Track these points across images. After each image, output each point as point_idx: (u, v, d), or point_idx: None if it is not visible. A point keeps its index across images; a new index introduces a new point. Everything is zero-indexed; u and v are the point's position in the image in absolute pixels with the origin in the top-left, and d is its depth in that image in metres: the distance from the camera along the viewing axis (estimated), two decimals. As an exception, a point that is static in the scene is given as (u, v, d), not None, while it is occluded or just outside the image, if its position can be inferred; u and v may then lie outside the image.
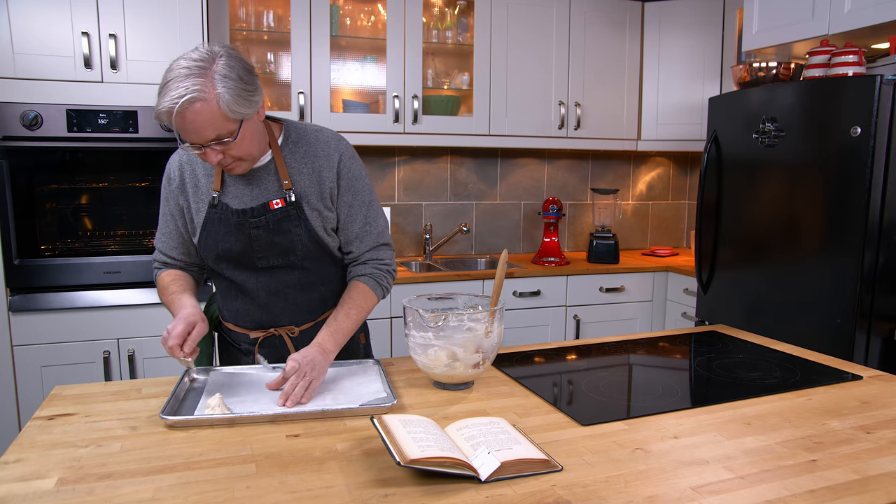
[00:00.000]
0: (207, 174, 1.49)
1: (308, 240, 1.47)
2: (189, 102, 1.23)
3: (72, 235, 2.51)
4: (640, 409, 1.28)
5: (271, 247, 1.46)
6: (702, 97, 3.40)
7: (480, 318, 1.38)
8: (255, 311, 1.53)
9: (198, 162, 1.50)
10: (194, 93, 1.23)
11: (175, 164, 1.52)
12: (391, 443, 0.98)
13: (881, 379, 1.47)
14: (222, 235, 1.46)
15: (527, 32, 3.25)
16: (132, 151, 2.51)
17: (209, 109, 1.25)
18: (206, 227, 1.48)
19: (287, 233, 1.46)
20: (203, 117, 1.25)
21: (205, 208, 1.48)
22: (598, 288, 3.24)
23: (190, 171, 1.50)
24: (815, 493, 0.94)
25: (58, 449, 1.07)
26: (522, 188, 3.72)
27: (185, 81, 1.23)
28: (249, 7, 2.94)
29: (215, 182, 1.47)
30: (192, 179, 1.49)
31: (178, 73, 1.24)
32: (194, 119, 1.25)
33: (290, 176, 1.47)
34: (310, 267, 1.51)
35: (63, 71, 2.39)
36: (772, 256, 2.54)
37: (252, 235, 1.45)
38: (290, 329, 1.54)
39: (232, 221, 1.45)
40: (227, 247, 1.47)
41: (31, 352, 2.45)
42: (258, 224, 1.45)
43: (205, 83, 1.24)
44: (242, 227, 1.45)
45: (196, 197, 1.49)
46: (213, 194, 1.46)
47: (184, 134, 1.28)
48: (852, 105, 2.19)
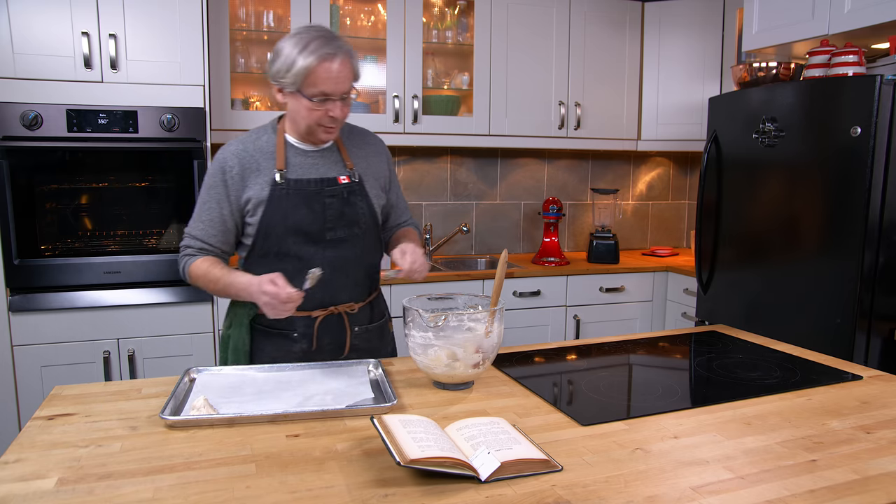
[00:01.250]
0: (268, 158, 1.58)
1: (368, 215, 1.63)
2: (345, 54, 1.47)
3: (72, 235, 2.51)
4: (640, 409, 1.28)
5: (340, 217, 1.58)
6: (702, 97, 3.40)
7: (480, 318, 1.38)
8: (317, 290, 1.52)
9: (255, 148, 1.59)
10: (347, 48, 1.48)
11: (231, 154, 1.58)
12: (391, 443, 0.98)
13: (881, 379, 1.47)
14: (292, 209, 1.55)
15: (527, 32, 3.25)
16: (132, 151, 2.51)
17: (351, 66, 1.49)
18: (272, 202, 1.55)
19: (354, 205, 1.61)
20: (348, 70, 1.48)
21: (268, 188, 1.55)
22: (598, 288, 3.24)
23: (249, 157, 1.58)
24: (815, 493, 0.94)
25: (58, 449, 1.07)
26: (522, 188, 3.72)
27: (335, 40, 1.47)
28: (249, 7, 2.94)
29: (279, 162, 1.57)
30: (252, 165, 1.57)
31: (324, 34, 1.47)
32: (343, 70, 1.46)
33: (351, 159, 1.65)
34: (366, 242, 1.64)
35: (63, 71, 2.39)
36: (772, 256, 2.54)
37: (326, 204, 1.57)
38: (350, 306, 1.63)
39: (307, 192, 1.56)
40: (298, 219, 1.55)
41: (31, 352, 2.45)
42: (333, 193, 1.58)
43: (345, 43, 1.49)
44: (318, 197, 1.57)
45: (258, 180, 1.56)
46: (278, 172, 1.56)
47: (330, 83, 1.46)
48: (852, 105, 2.19)
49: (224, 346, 1.66)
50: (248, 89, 3.10)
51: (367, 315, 1.68)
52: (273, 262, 1.57)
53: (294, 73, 1.45)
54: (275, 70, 1.49)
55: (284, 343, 1.62)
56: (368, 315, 1.69)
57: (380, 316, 1.75)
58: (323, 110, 1.49)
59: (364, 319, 1.67)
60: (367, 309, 1.69)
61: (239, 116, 2.86)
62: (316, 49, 1.43)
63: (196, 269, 1.57)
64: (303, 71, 1.44)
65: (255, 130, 1.64)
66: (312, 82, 1.45)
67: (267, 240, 1.56)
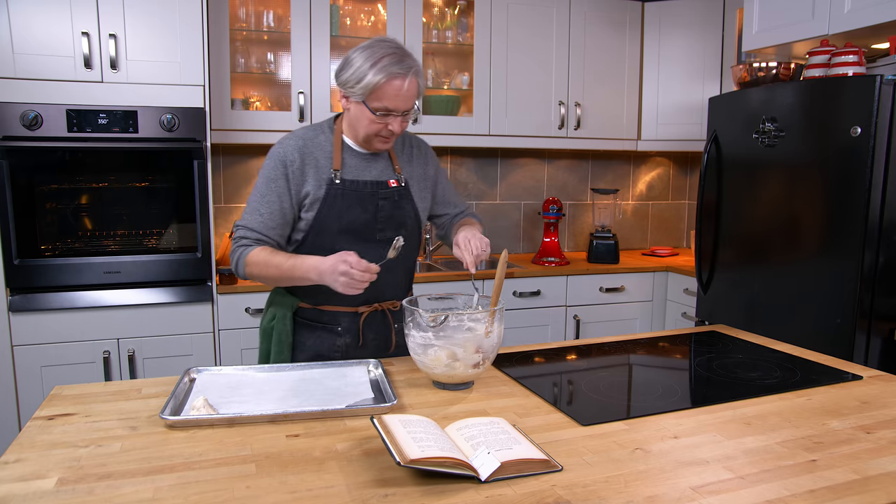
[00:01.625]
0: (326, 156, 1.63)
1: (414, 217, 1.71)
2: (415, 74, 1.52)
3: (72, 235, 2.51)
4: (640, 409, 1.28)
5: (390, 218, 1.65)
6: (702, 97, 3.40)
7: (480, 318, 1.38)
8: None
9: (314, 145, 1.63)
10: (417, 68, 1.53)
11: (292, 148, 1.62)
12: (391, 443, 0.98)
13: (881, 379, 1.47)
14: (346, 208, 1.60)
15: (527, 32, 3.25)
16: (132, 151, 2.51)
17: (417, 85, 1.54)
18: (327, 201, 1.60)
19: (403, 208, 1.68)
20: (415, 89, 1.54)
21: (325, 186, 1.60)
22: (598, 288, 3.24)
23: (310, 153, 1.62)
24: (815, 493, 0.94)
25: (58, 449, 1.07)
26: (522, 188, 3.72)
27: (408, 58, 1.52)
28: (249, 7, 2.94)
29: (335, 162, 1.62)
30: (312, 161, 1.61)
31: (395, 50, 1.51)
32: (411, 89, 1.52)
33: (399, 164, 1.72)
34: (411, 244, 1.71)
35: (63, 71, 2.39)
36: (772, 257, 2.54)
37: (379, 206, 1.64)
38: (394, 303, 1.69)
39: (362, 193, 1.62)
40: (351, 218, 1.61)
41: (31, 352, 2.45)
42: (385, 195, 1.65)
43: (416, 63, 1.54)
44: (372, 199, 1.63)
45: (316, 176, 1.61)
46: (335, 172, 1.61)
47: (396, 100, 1.51)
48: (852, 105, 2.19)
49: (266, 338, 1.69)
50: (248, 89, 3.10)
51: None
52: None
53: (362, 85, 1.50)
54: (344, 79, 1.54)
55: (328, 337, 1.65)
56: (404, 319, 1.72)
57: None
58: (383, 123, 1.55)
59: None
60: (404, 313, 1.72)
61: (239, 116, 2.86)
62: (386, 66, 1.48)
63: (255, 256, 1.56)
64: (371, 86, 1.49)
65: (311, 127, 1.68)
66: (378, 97, 1.51)
67: (319, 236, 1.60)
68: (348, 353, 1.66)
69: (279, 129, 2.90)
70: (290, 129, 2.90)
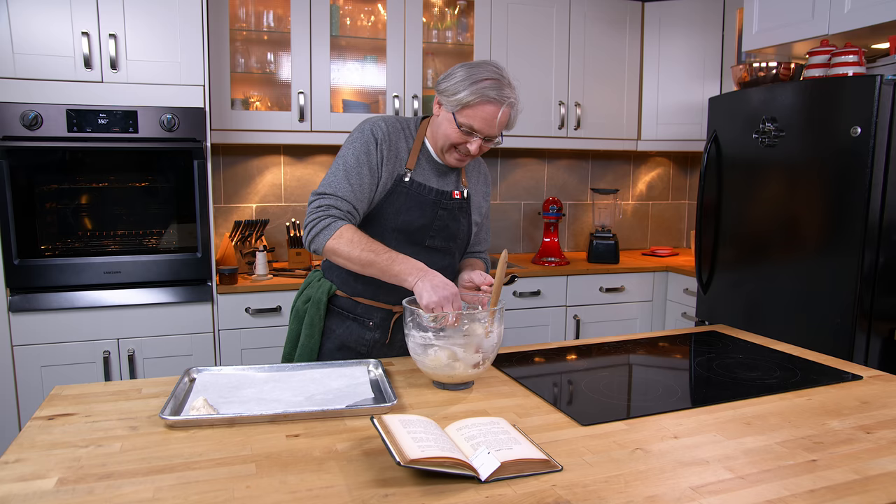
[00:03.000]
0: (406, 149, 1.65)
1: (467, 232, 1.73)
2: (510, 105, 1.54)
3: (72, 235, 2.51)
4: (640, 409, 1.28)
5: (445, 228, 1.66)
6: (702, 97, 3.40)
7: (480, 318, 1.38)
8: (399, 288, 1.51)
9: (400, 138, 1.64)
10: (514, 100, 1.55)
11: (382, 131, 1.61)
12: (391, 443, 0.98)
13: (881, 379, 1.47)
14: (406, 209, 1.61)
15: (527, 32, 3.25)
16: (132, 151, 2.51)
17: (509, 116, 1.56)
18: (391, 197, 1.61)
19: (459, 221, 1.69)
20: (504, 120, 1.55)
21: (394, 179, 1.61)
22: (598, 288, 3.24)
23: (395, 140, 1.63)
24: (815, 493, 0.94)
25: (58, 449, 1.07)
26: (522, 188, 3.72)
27: (508, 88, 1.53)
28: (249, 7, 2.94)
29: (411, 161, 1.64)
30: (395, 150, 1.63)
31: (501, 77, 1.53)
32: (503, 120, 1.54)
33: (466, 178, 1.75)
34: (457, 255, 1.75)
35: (63, 71, 2.39)
36: (772, 256, 2.54)
37: (438, 214, 1.64)
38: None
39: (426, 198, 1.63)
40: (408, 220, 1.61)
41: (31, 352, 2.45)
42: (447, 206, 1.66)
43: (515, 96, 1.56)
44: (434, 206, 1.64)
45: (392, 166, 1.61)
46: (406, 170, 1.62)
47: (482, 123, 1.53)
48: (852, 105, 2.19)
49: (298, 320, 1.71)
50: (248, 89, 3.10)
51: None
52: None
53: (456, 99, 1.52)
54: (443, 87, 1.56)
55: (358, 329, 1.68)
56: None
57: None
58: (464, 140, 1.57)
59: None
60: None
61: (239, 116, 2.86)
62: (485, 90, 1.50)
63: (351, 232, 1.49)
64: (464, 102, 1.51)
65: (401, 119, 1.69)
66: (468, 115, 1.53)
67: (370, 227, 1.61)
68: (374, 348, 1.68)
69: (279, 130, 2.90)
70: (290, 129, 2.90)
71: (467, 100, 1.51)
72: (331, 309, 1.70)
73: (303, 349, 1.67)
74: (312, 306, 1.68)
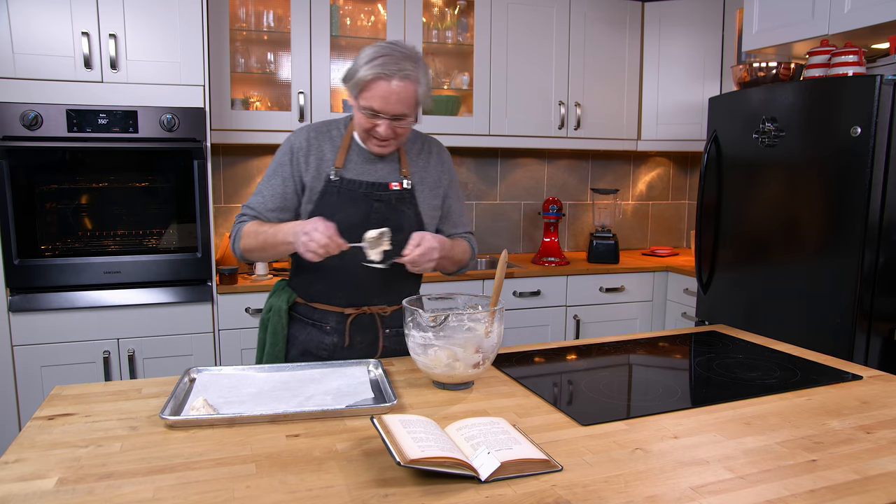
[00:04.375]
0: (333, 151, 1.63)
1: (415, 223, 1.65)
2: (404, 77, 1.47)
3: (72, 235, 2.51)
4: (640, 409, 1.28)
5: (385, 222, 1.59)
6: (702, 97, 3.40)
7: (480, 318, 1.38)
8: (350, 288, 1.62)
9: (325, 139, 1.64)
10: (409, 71, 1.47)
11: (303, 137, 1.64)
12: (391, 443, 0.98)
13: (881, 379, 1.47)
14: (339, 207, 1.59)
15: (527, 32, 3.25)
16: (132, 151, 2.51)
17: (411, 91, 1.49)
18: (324, 198, 1.60)
19: (401, 213, 1.62)
20: (405, 94, 1.48)
21: (322, 181, 1.61)
22: (598, 288, 3.24)
23: (318, 145, 1.63)
24: (815, 493, 0.94)
25: (58, 449, 1.07)
26: (522, 188, 3.72)
27: (403, 61, 1.47)
28: (249, 7, 2.93)
29: (339, 159, 1.62)
30: (318, 153, 1.62)
31: (394, 52, 1.48)
32: (400, 92, 1.47)
33: (409, 167, 1.67)
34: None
35: (63, 71, 2.39)
36: (772, 256, 2.54)
37: (374, 208, 1.60)
38: (383, 308, 1.66)
39: (357, 193, 1.60)
40: (343, 217, 1.56)
41: (31, 352, 2.45)
42: (381, 198, 1.61)
43: (415, 69, 1.49)
44: (367, 200, 1.60)
45: (318, 168, 1.61)
46: (334, 169, 1.61)
47: (379, 101, 1.48)
48: (852, 105, 2.19)
49: (264, 328, 1.72)
50: (248, 89, 3.10)
51: (401, 318, 1.69)
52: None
53: (354, 81, 1.50)
54: (345, 73, 1.54)
55: (317, 334, 1.67)
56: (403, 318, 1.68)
57: None
58: (371, 124, 1.53)
59: (398, 322, 1.69)
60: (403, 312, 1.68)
61: (239, 116, 2.86)
62: (378, 65, 1.46)
63: (249, 227, 1.60)
64: (360, 82, 1.49)
65: (329, 121, 1.69)
66: (366, 96, 1.49)
67: None
68: (335, 352, 1.66)
69: (279, 130, 2.90)
70: (290, 129, 2.90)
71: (362, 78, 1.47)
72: (293, 316, 1.70)
73: (268, 357, 1.69)
74: (274, 315, 1.68)
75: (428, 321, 1.34)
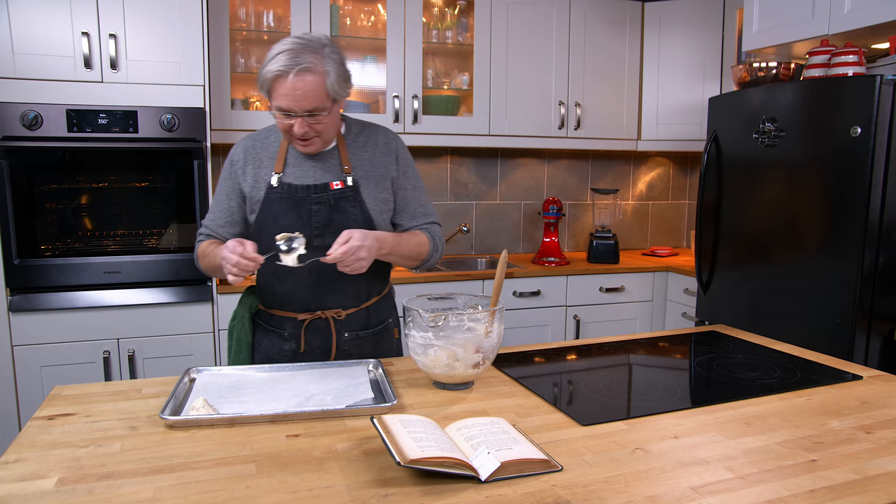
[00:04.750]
0: (271, 157, 1.59)
1: (362, 221, 1.58)
2: (303, 70, 1.38)
3: (72, 235, 2.51)
4: (640, 409, 1.28)
5: (328, 224, 1.56)
6: (702, 97, 3.40)
7: (480, 318, 1.38)
8: (303, 293, 1.60)
9: (263, 147, 1.61)
10: (309, 64, 1.39)
11: (241, 148, 1.63)
12: (391, 443, 0.98)
13: (881, 379, 1.47)
14: (282, 213, 1.56)
15: (527, 32, 3.25)
16: (132, 151, 2.51)
17: (317, 82, 1.41)
18: (265, 206, 1.57)
19: (344, 212, 1.57)
20: (310, 87, 1.40)
21: (264, 188, 1.58)
22: (598, 288, 3.24)
23: (255, 154, 1.61)
24: (815, 493, 0.94)
25: (58, 449, 1.07)
26: (522, 188, 3.72)
27: (300, 54, 1.39)
28: (249, 7, 2.94)
29: (277, 164, 1.58)
30: (255, 161, 1.60)
31: (293, 46, 1.40)
32: (303, 87, 1.39)
33: (351, 162, 1.60)
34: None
35: (63, 71, 2.39)
36: (772, 256, 2.54)
37: (312, 211, 1.55)
38: (337, 312, 1.62)
39: (295, 198, 1.55)
40: (286, 224, 1.54)
41: (31, 352, 2.45)
42: (319, 200, 1.55)
43: (317, 59, 1.41)
44: (304, 203, 1.55)
45: (257, 178, 1.59)
46: (275, 175, 1.56)
47: (285, 100, 1.41)
48: (852, 105, 2.19)
49: (230, 337, 1.71)
50: (248, 89, 3.10)
51: (360, 321, 1.66)
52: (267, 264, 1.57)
53: (260, 84, 1.45)
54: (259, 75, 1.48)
55: (277, 341, 1.65)
56: (363, 321, 1.66)
57: (378, 322, 1.71)
58: (286, 124, 1.46)
59: (356, 325, 1.65)
60: (362, 315, 1.66)
61: (239, 116, 2.86)
62: (278, 62, 1.39)
63: (201, 249, 1.63)
64: (265, 84, 1.43)
65: (269, 128, 1.66)
66: (275, 97, 1.43)
67: (260, 240, 1.56)
68: (294, 358, 1.63)
69: (279, 129, 2.89)
70: (290, 129, 2.90)
71: (266, 82, 1.41)
72: (257, 323, 1.69)
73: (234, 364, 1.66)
74: (238, 322, 1.68)
75: (428, 321, 1.34)
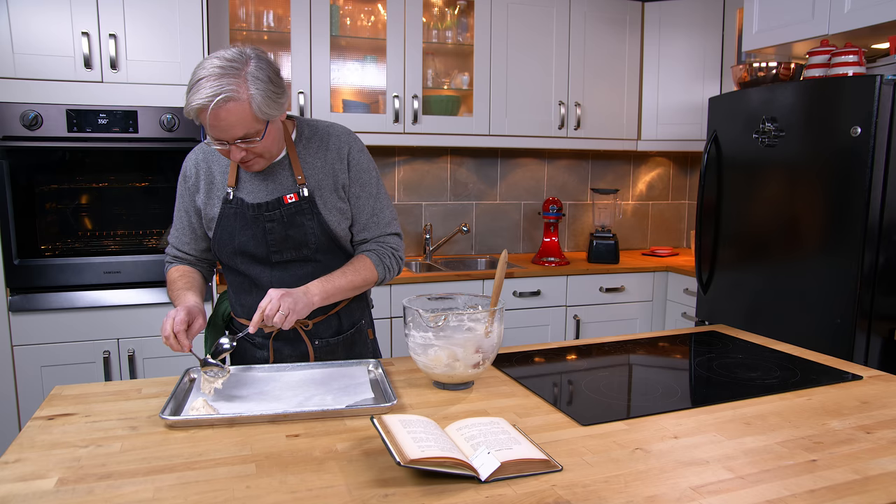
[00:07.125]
0: (223, 171, 1.52)
1: (321, 233, 1.51)
2: (223, 101, 1.27)
3: (72, 235, 2.51)
4: (640, 409, 1.28)
5: (285, 240, 1.49)
6: (702, 97, 3.40)
7: (480, 318, 1.38)
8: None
9: (214, 159, 1.54)
10: (229, 92, 1.27)
11: (192, 162, 1.56)
12: (391, 443, 0.98)
13: (881, 379, 1.47)
14: (238, 230, 1.50)
15: (527, 32, 3.25)
16: (132, 151, 2.51)
17: (241, 109, 1.29)
18: (222, 222, 1.51)
19: (300, 226, 1.49)
20: (235, 116, 1.29)
21: (219, 204, 1.51)
22: (598, 288, 3.24)
23: (206, 168, 1.54)
24: (814, 493, 0.94)
25: (58, 449, 1.07)
26: (522, 188, 3.72)
27: (219, 80, 1.27)
28: (249, 7, 2.94)
29: (230, 178, 1.50)
30: (207, 176, 1.53)
31: (212, 72, 1.27)
32: (227, 118, 1.29)
33: (304, 171, 1.50)
34: (322, 260, 1.54)
35: (63, 71, 2.39)
36: (772, 256, 2.54)
37: (266, 229, 1.48)
38: (304, 322, 1.57)
39: (248, 216, 1.48)
40: (243, 241, 1.49)
41: (31, 352, 2.45)
42: (272, 217, 1.48)
43: (238, 83, 1.28)
44: (257, 221, 1.48)
45: (210, 193, 1.53)
46: (228, 190, 1.50)
47: (213, 131, 1.32)
48: (852, 105, 2.19)
49: (205, 342, 1.70)
50: (248, 89, 3.10)
51: (331, 327, 1.61)
52: (232, 276, 1.59)
53: (185, 111, 1.32)
54: None
55: (251, 348, 1.63)
56: (334, 327, 1.62)
57: (350, 326, 1.65)
58: (223, 150, 1.37)
59: (326, 332, 1.60)
60: (332, 321, 1.61)
61: (239, 116, 2.86)
62: (197, 95, 1.27)
63: (168, 277, 1.57)
64: (190, 113, 1.31)
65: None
66: (205, 125, 1.32)
67: (220, 256, 1.56)
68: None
69: (279, 129, 2.89)
70: (290, 129, 2.90)
71: (192, 113, 1.29)
72: (232, 329, 1.67)
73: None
74: (211, 329, 1.66)
75: (428, 321, 1.34)
